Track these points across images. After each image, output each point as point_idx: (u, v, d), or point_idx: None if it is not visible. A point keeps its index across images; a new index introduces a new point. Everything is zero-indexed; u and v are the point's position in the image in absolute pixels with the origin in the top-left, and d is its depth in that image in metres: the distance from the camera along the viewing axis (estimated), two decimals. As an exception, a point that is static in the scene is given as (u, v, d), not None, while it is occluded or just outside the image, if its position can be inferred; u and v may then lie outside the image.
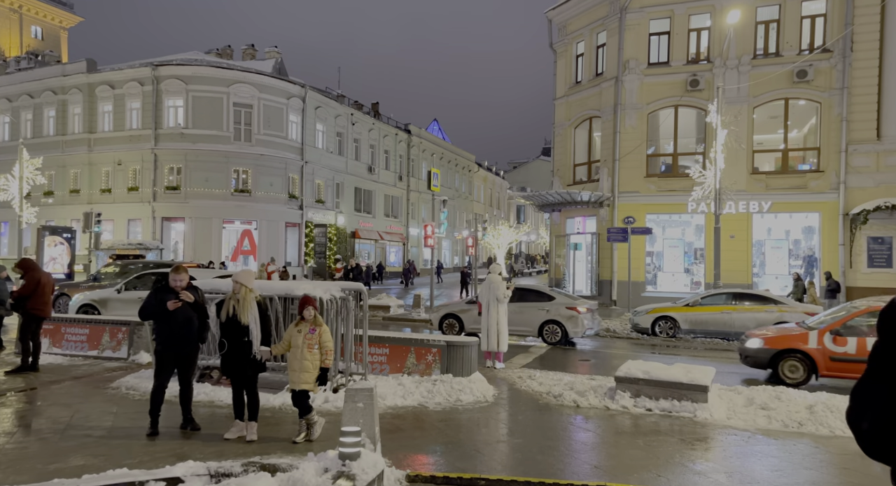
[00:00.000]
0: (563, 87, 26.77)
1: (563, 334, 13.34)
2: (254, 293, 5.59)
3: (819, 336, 9.23)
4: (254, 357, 5.52)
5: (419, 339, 8.26)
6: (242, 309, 5.46)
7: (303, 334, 5.55)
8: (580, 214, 25.43)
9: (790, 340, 9.52)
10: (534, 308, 13.51)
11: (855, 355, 8.91)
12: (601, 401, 7.60)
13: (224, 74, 32.45)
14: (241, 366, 5.52)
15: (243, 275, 5.58)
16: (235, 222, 33.61)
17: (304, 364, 5.49)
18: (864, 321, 9.15)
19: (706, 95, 22.30)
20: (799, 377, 9.36)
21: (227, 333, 5.50)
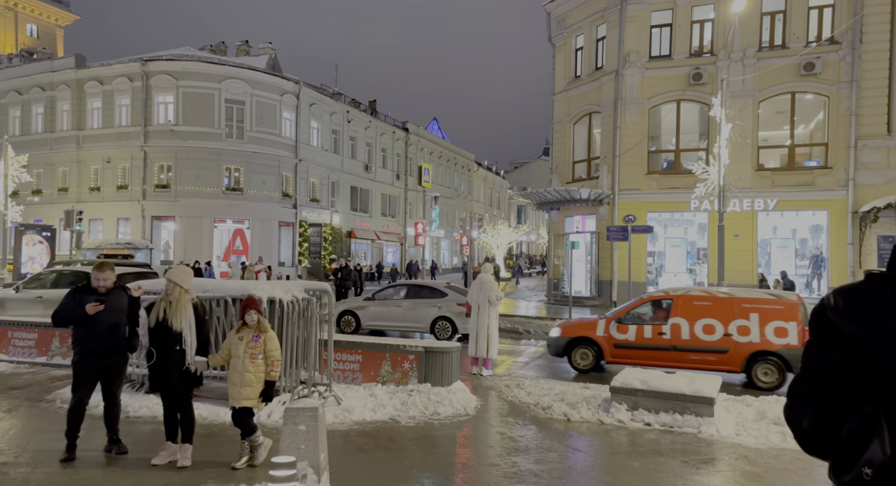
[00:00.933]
0: (561, 81, 26.00)
1: (452, 330, 13.19)
2: (189, 295, 4.82)
3: (606, 325, 9.78)
4: (187, 369, 4.75)
5: (395, 344, 7.50)
6: (174, 313, 4.70)
7: (244, 343, 4.79)
8: (579, 212, 24.65)
9: (581, 328, 10.07)
10: (426, 305, 13.46)
11: (634, 341, 9.52)
12: (594, 414, 6.82)
13: (215, 70, 31.73)
14: (173, 379, 4.75)
15: (178, 273, 4.81)
16: (227, 221, 32.89)
17: (246, 377, 4.73)
18: (643, 310, 9.81)
19: (709, 90, 21.50)
20: (588, 364, 9.96)
21: (157, 340, 4.73)
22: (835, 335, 1.33)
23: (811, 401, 1.35)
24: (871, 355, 1.25)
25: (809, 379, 1.37)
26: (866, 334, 1.27)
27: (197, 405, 6.18)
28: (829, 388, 1.32)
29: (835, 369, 1.32)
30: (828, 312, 1.35)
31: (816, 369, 1.36)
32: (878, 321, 1.26)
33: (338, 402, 6.54)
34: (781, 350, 8.76)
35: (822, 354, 1.35)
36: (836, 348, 1.32)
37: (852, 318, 1.31)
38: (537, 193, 24.21)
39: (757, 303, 9.13)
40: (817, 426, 1.33)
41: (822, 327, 1.36)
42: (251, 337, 4.80)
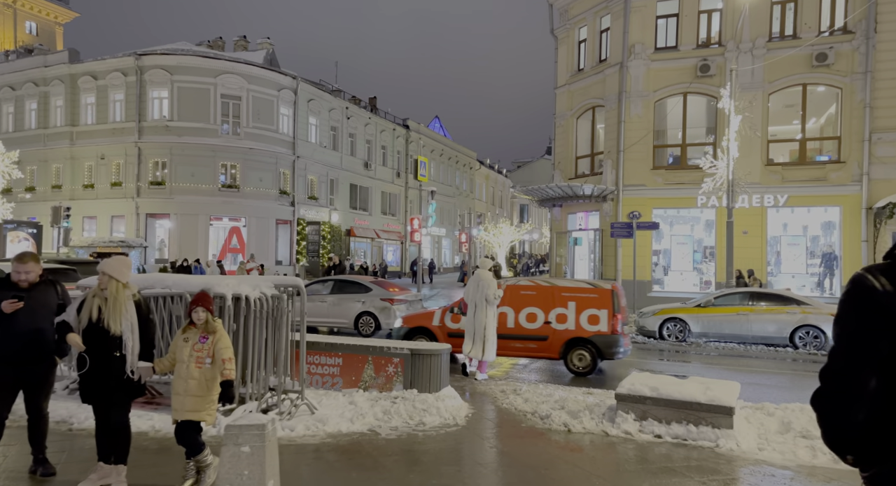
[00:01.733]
0: (564, 75, 25.28)
1: (376, 325, 13.04)
2: (129, 290, 4.13)
3: (441, 315, 10.08)
4: (128, 378, 4.06)
5: (378, 347, 6.81)
6: (112, 312, 4.00)
7: (190, 345, 4.11)
8: (582, 209, 23.93)
9: (420, 319, 10.37)
10: (351, 300, 13.32)
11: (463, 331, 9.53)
12: (598, 424, 6.12)
13: (211, 64, 31.11)
14: (110, 389, 4.06)
15: (113, 264, 4.10)
16: (223, 219, 32.27)
17: (190, 385, 4.04)
18: None
19: (717, 82, 20.77)
20: None
21: (91, 345, 4.03)
22: (885, 319, 1.19)
23: (862, 392, 1.20)
24: None
25: (858, 368, 1.22)
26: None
27: (150, 414, 5.51)
28: (886, 379, 1.19)
29: (885, 357, 1.19)
30: (877, 294, 1.22)
31: (865, 356, 1.21)
32: None
33: (311, 411, 5.86)
34: (593, 337, 9.12)
35: (869, 340, 1.21)
36: (886, 333, 1.19)
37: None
38: (539, 189, 23.50)
39: (575, 292, 9.45)
40: (870, 425, 1.17)
41: (869, 310, 1.22)
42: (198, 338, 4.12)
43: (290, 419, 5.61)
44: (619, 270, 21.95)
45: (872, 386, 1.21)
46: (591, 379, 9.43)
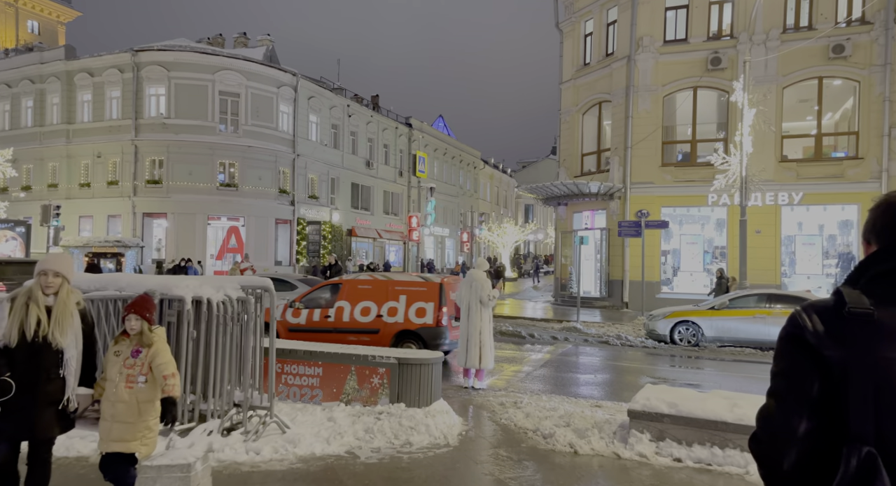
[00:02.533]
0: (569, 69, 24.54)
1: None
2: (76, 295, 3.39)
3: (284, 309, 10.02)
4: (64, 407, 3.27)
5: (362, 355, 6.09)
6: (60, 321, 3.20)
7: (120, 361, 3.39)
8: (588, 207, 23.19)
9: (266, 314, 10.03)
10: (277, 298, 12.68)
11: (305, 324, 9.76)
12: (609, 445, 5.39)
13: (209, 61, 30.51)
14: (43, 422, 3.22)
15: (58, 261, 3.32)
16: (222, 219, 31.65)
17: (118, 410, 3.32)
18: (320, 295, 10.21)
19: (728, 75, 20.01)
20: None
21: (21, 364, 3.19)
22: (814, 361, 1.17)
23: (793, 435, 1.16)
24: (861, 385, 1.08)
25: (788, 410, 1.19)
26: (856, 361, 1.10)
27: (96, 434, 4.79)
28: (814, 421, 1.15)
29: (814, 399, 1.16)
30: (806, 335, 1.19)
31: (793, 398, 1.19)
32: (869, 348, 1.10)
33: (282, 429, 5.16)
34: (419, 329, 9.20)
35: (797, 381, 1.19)
36: (817, 375, 1.16)
37: (836, 342, 1.14)
38: (544, 186, 22.76)
39: (407, 286, 9.57)
40: (802, 467, 1.14)
41: (798, 350, 1.20)
42: (129, 353, 3.40)
43: (255, 440, 4.92)
44: (626, 270, 21.20)
45: (802, 431, 1.17)
46: (598, 384, 8.70)
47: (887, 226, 1.29)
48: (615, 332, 14.70)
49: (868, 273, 1.25)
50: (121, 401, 3.33)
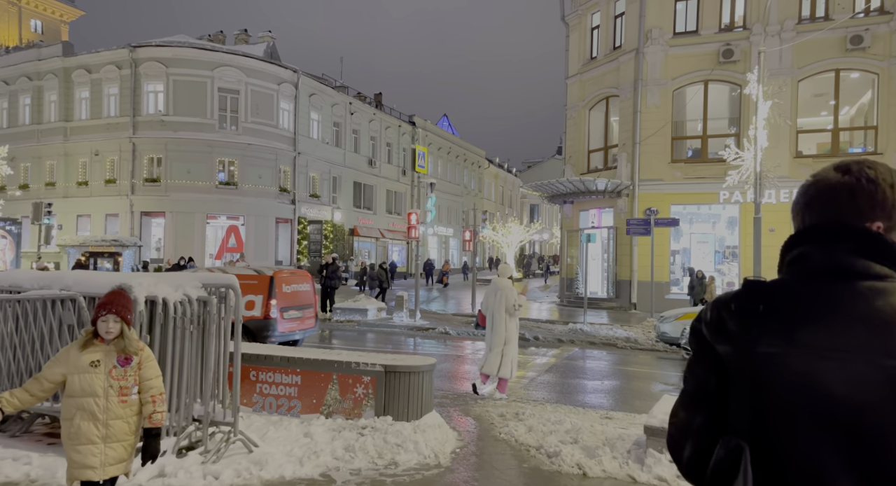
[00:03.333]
0: (575, 63, 23.86)
1: None
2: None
3: None
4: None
5: (345, 362, 5.45)
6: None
7: (104, 370, 2.81)
8: (595, 205, 22.50)
9: None
10: None
11: None
12: (623, 466, 4.73)
13: (208, 57, 29.97)
14: None
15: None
16: (221, 218, 31.11)
17: (114, 429, 2.80)
18: None
19: (741, 68, 19.29)
20: None
21: None
22: (710, 355, 1.15)
23: (690, 428, 1.17)
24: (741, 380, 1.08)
25: (688, 403, 1.19)
26: (738, 356, 1.09)
27: (29, 455, 4.18)
28: (709, 415, 1.15)
29: (712, 393, 1.14)
30: (703, 327, 1.18)
31: (693, 392, 1.18)
32: (748, 343, 1.07)
33: (248, 448, 4.52)
34: (248, 322, 9.01)
35: (698, 375, 1.18)
36: (713, 369, 1.14)
37: (725, 336, 1.12)
38: (549, 184, 22.09)
39: (240, 279, 8.83)
40: (697, 459, 1.15)
41: (699, 344, 1.18)
42: (115, 361, 2.82)
43: (216, 462, 4.28)
44: (634, 270, 20.50)
45: (697, 425, 1.16)
46: (607, 392, 8.03)
47: (797, 209, 1.24)
48: (623, 334, 14.02)
49: (784, 261, 1.19)
50: (117, 418, 2.82)
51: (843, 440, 0.98)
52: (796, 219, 1.25)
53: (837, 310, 1.04)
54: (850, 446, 0.98)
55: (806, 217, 1.20)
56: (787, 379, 1.03)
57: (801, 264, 1.13)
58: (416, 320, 14.67)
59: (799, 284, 1.10)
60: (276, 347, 6.06)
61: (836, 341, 1.01)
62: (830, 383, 1.00)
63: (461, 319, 16.66)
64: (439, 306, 21.81)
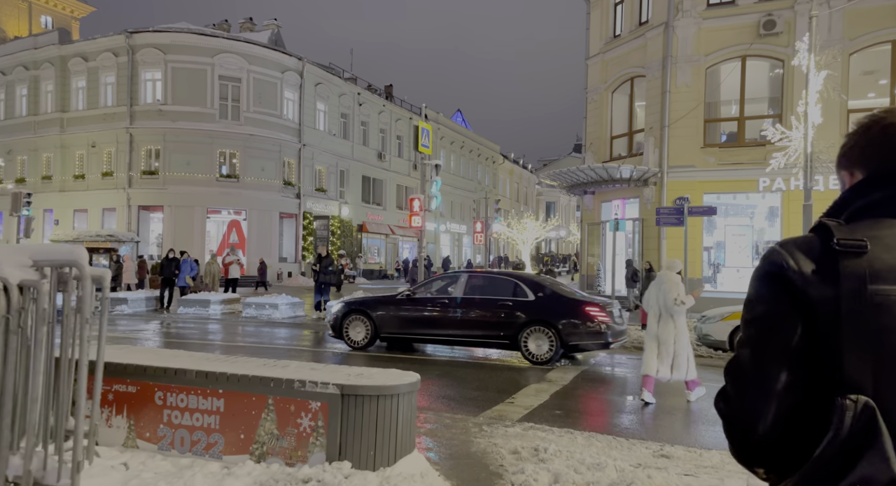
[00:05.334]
0: (597, 43, 22.00)
1: None
2: None
3: None
4: None
5: (286, 379, 3.74)
6: None
7: None
8: (619, 196, 20.63)
9: None
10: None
11: None
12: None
13: (208, 43, 28.56)
14: None
15: None
16: (222, 212, 29.71)
17: None
18: None
19: (784, 41, 17.35)
20: None
21: None
22: (796, 303, 0.99)
23: (772, 388, 0.98)
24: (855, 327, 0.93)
25: (764, 361, 1.00)
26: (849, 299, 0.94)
27: None
28: (798, 372, 0.97)
29: (797, 347, 0.98)
30: (788, 273, 1.01)
31: (775, 347, 1.00)
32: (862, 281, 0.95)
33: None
34: None
35: (778, 327, 1.00)
36: (799, 319, 0.99)
37: (825, 279, 0.98)
38: (568, 172, 20.25)
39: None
40: (779, 429, 0.96)
41: (779, 292, 1.01)
42: None
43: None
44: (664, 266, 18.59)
45: (782, 384, 0.98)
46: (652, 414, 6.24)
47: (876, 149, 1.09)
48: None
49: (852, 207, 1.07)
50: None
51: None
52: (853, 164, 1.12)
53: None
54: None
55: (871, 161, 1.08)
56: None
57: (886, 207, 1.02)
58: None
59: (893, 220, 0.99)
60: (189, 357, 4.35)
61: None
62: None
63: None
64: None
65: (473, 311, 9.72)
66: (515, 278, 10.14)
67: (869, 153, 1.10)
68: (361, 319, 10.28)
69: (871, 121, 1.13)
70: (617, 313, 9.63)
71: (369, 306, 10.41)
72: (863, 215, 1.04)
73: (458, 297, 9.91)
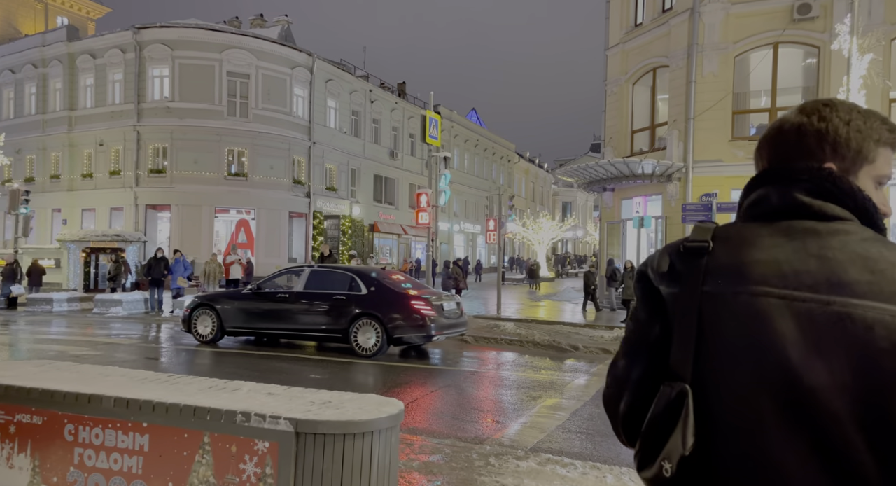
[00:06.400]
0: (617, 32, 20.94)
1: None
2: None
3: None
4: None
5: (224, 411, 2.86)
6: None
7: None
8: (640, 192, 19.56)
9: None
10: None
11: None
12: None
13: (216, 38, 27.96)
14: None
15: None
16: (230, 211, 29.09)
17: None
18: None
19: (820, 26, 16.20)
20: None
21: None
22: (654, 300, 1.10)
23: (628, 379, 1.12)
24: (687, 323, 1.03)
25: (629, 352, 1.13)
26: (685, 297, 1.05)
27: None
28: (650, 364, 1.08)
29: (655, 341, 1.08)
30: (649, 269, 1.13)
31: (635, 340, 1.13)
32: (697, 282, 1.03)
33: None
34: None
35: (641, 321, 1.13)
36: (656, 315, 1.09)
37: (672, 277, 1.08)
38: (586, 168, 19.24)
39: None
40: (634, 413, 1.09)
41: (644, 288, 1.13)
42: None
43: None
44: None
45: (637, 375, 1.09)
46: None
47: (756, 153, 1.16)
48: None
49: (741, 207, 1.12)
50: None
51: (782, 382, 0.93)
52: (756, 163, 1.17)
53: (789, 249, 0.98)
54: (788, 387, 0.92)
55: (763, 160, 1.13)
56: (732, 318, 0.98)
57: (758, 206, 1.07)
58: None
59: (752, 224, 1.06)
60: (124, 373, 3.47)
61: (787, 280, 0.96)
62: (778, 321, 0.94)
63: (482, 322, 14.01)
64: (460, 308, 19.13)
65: (310, 305, 9.88)
66: (353, 272, 10.30)
67: (760, 153, 1.14)
68: (208, 313, 10.34)
69: (779, 120, 1.14)
70: (452, 308, 9.98)
71: (216, 300, 10.53)
72: (747, 213, 1.09)
73: (297, 291, 10.03)
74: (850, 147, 1.03)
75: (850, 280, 0.91)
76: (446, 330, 9.76)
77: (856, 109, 1.07)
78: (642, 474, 1.03)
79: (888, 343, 0.86)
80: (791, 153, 1.06)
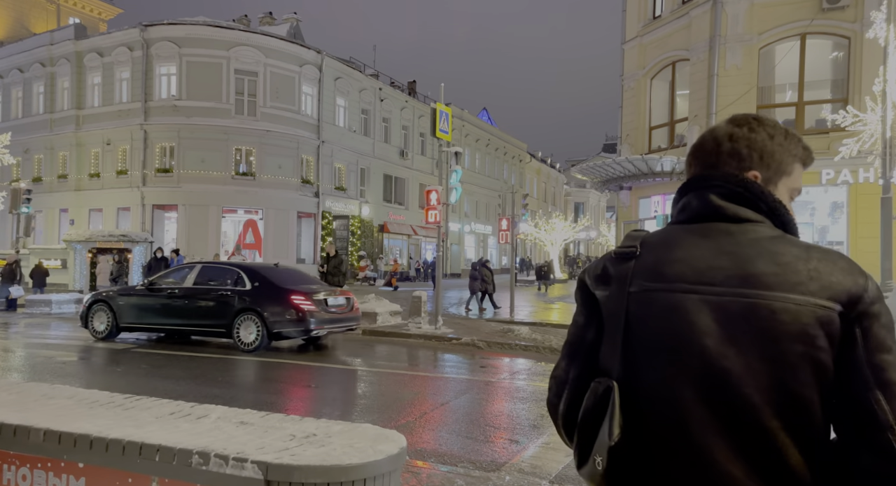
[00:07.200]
0: (634, 25, 20.23)
1: None
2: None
3: None
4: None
5: (178, 449, 2.25)
6: None
7: None
8: (659, 191, 18.83)
9: None
10: None
11: None
12: None
13: (223, 36, 27.54)
14: None
15: None
16: (238, 211, 28.66)
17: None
18: None
19: (850, 16, 15.43)
20: None
21: None
22: (590, 304, 1.16)
23: (568, 380, 1.17)
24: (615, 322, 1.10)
25: (568, 354, 1.20)
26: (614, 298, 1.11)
27: None
28: (585, 365, 1.14)
29: (590, 343, 1.15)
30: (585, 276, 1.20)
31: (573, 342, 1.19)
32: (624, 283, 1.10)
33: None
34: None
35: (579, 324, 1.19)
36: (592, 319, 1.16)
37: (604, 281, 1.14)
38: (601, 166, 18.54)
39: None
40: (572, 409, 1.14)
41: (581, 294, 1.20)
42: None
43: None
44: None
45: (573, 374, 1.16)
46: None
47: (686, 162, 1.23)
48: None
49: (673, 211, 1.20)
50: None
51: (700, 370, 0.98)
52: (686, 171, 1.23)
53: (705, 248, 1.05)
54: (706, 375, 0.98)
55: (692, 167, 1.19)
56: (654, 314, 1.04)
57: (683, 212, 1.14)
58: (436, 328, 11.44)
59: (676, 228, 1.12)
60: (49, 401, 2.86)
61: (703, 276, 1.02)
62: (694, 314, 1.00)
63: (495, 326, 13.35)
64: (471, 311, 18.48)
65: (198, 300, 9.98)
66: (239, 267, 10.45)
67: (688, 162, 1.20)
68: (104, 309, 10.39)
69: (709, 130, 1.17)
70: (339, 302, 10.07)
71: (111, 296, 10.57)
72: (674, 220, 1.15)
73: (186, 287, 10.11)
74: (774, 158, 1.12)
75: (759, 273, 0.98)
76: (329, 324, 9.86)
77: (778, 125, 1.16)
78: (580, 471, 1.06)
79: (793, 329, 0.94)
80: (717, 161, 1.12)
